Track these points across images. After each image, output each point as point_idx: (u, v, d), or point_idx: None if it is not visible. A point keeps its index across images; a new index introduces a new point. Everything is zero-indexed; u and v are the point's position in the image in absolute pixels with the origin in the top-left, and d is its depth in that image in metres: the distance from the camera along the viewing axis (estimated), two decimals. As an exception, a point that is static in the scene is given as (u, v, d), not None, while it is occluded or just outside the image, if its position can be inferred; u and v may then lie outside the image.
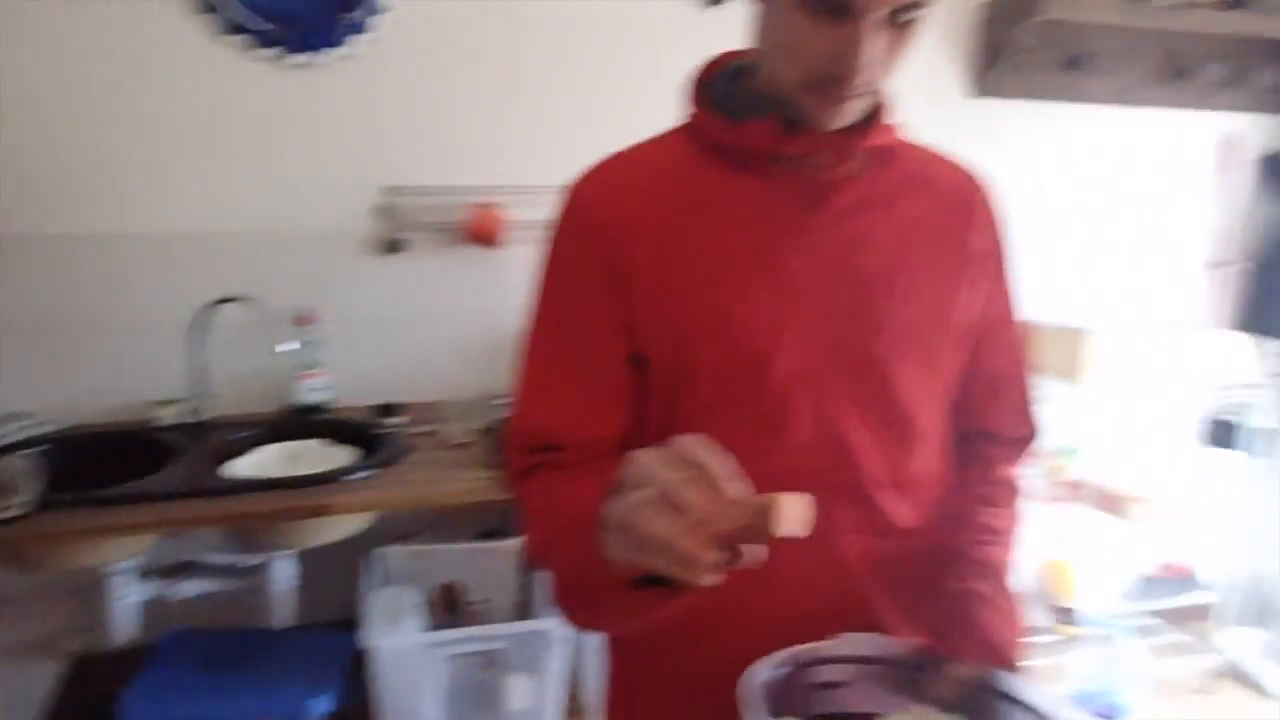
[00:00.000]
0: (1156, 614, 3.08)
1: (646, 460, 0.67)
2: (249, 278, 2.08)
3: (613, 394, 0.93)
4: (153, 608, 2.01)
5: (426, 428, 2.10)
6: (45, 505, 1.64)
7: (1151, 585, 3.15)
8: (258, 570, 2.05)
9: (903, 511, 0.96)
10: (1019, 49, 2.53)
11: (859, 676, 0.92)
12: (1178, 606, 3.11)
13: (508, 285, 2.27)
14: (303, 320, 2.11)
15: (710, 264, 0.90)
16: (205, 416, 2.06)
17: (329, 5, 2.00)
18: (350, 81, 2.10)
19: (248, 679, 1.85)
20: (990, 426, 1.06)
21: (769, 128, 0.89)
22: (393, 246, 2.17)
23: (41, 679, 2.06)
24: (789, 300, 0.90)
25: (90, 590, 1.99)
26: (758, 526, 0.63)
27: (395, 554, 2.12)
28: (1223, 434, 3.07)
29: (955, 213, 0.98)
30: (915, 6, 0.81)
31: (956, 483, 1.04)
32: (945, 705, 0.88)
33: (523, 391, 0.95)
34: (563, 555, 0.83)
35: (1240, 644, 3.19)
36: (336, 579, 2.11)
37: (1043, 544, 3.02)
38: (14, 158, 1.95)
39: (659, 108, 1.06)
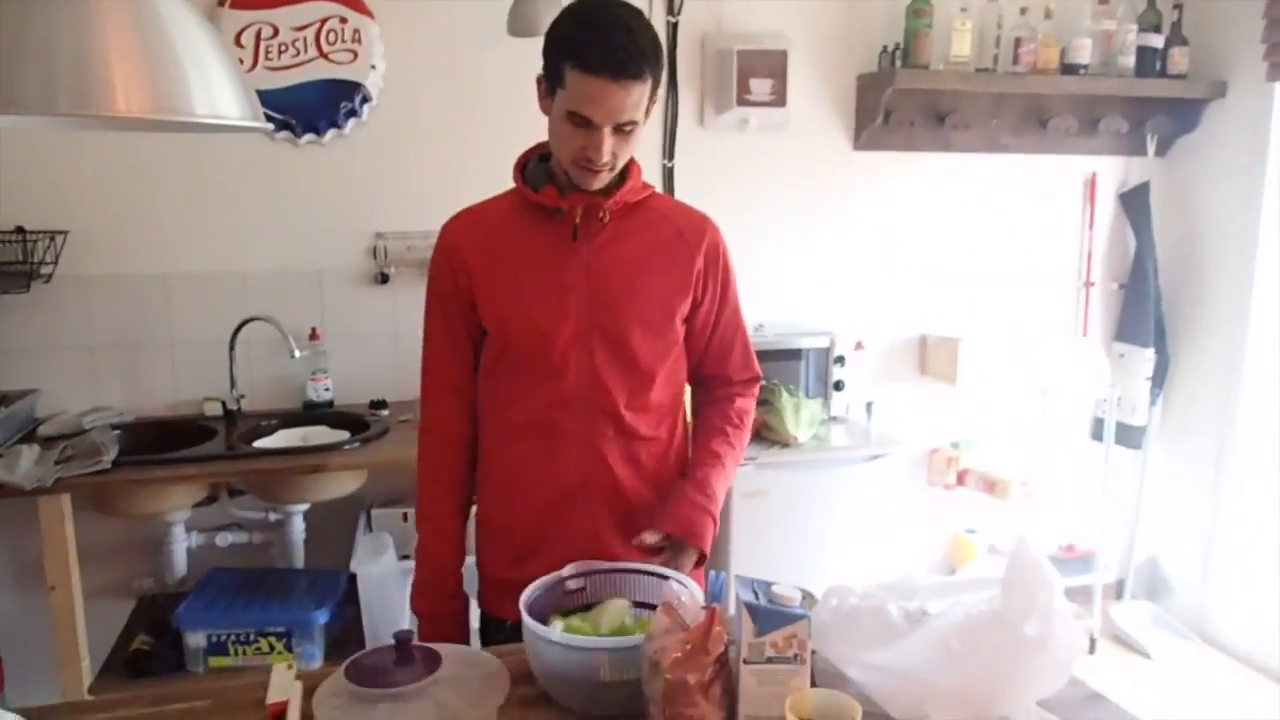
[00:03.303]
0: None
1: None
2: (271, 304, 2.74)
3: (464, 354, 1.58)
4: (200, 555, 2.68)
5: (407, 416, 2.73)
6: (124, 463, 2.30)
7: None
8: (278, 525, 2.71)
9: (642, 424, 1.56)
10: (888, 111, 3.14)
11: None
12: (1073, 585, 3.57)
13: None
14: (312, 336, 2.78)
15: (516, 279, 1.52)
16: (240, 409, 2.73)
17: (329, 99, 2.69)
18: (345, 154, 2.79)
19: (267, 600, 2.48)
20: (727, 372, 1.67)
21: (550, 193, 1.50)
22: (381, 278, 2.84)
23: (121, 611, 2.70)
24: (563, 300, 1.50)
25: (156, 543, 2.66)
26: None
27: (385, 515, 2.75)
28: (1099, 429, 3.57)
29: (684, 243, 1.57)
30: (632, 123, 1.41)
31: (705, 413, 1.66)
32: (645, 552, 1.47)
33: (424, 350, 1.61)
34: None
35: (1130, 615, 3.66)
36: (338, 534, 2.74)
37: (944, 521, 3.54)
38: (105, 218, 2.66)
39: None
